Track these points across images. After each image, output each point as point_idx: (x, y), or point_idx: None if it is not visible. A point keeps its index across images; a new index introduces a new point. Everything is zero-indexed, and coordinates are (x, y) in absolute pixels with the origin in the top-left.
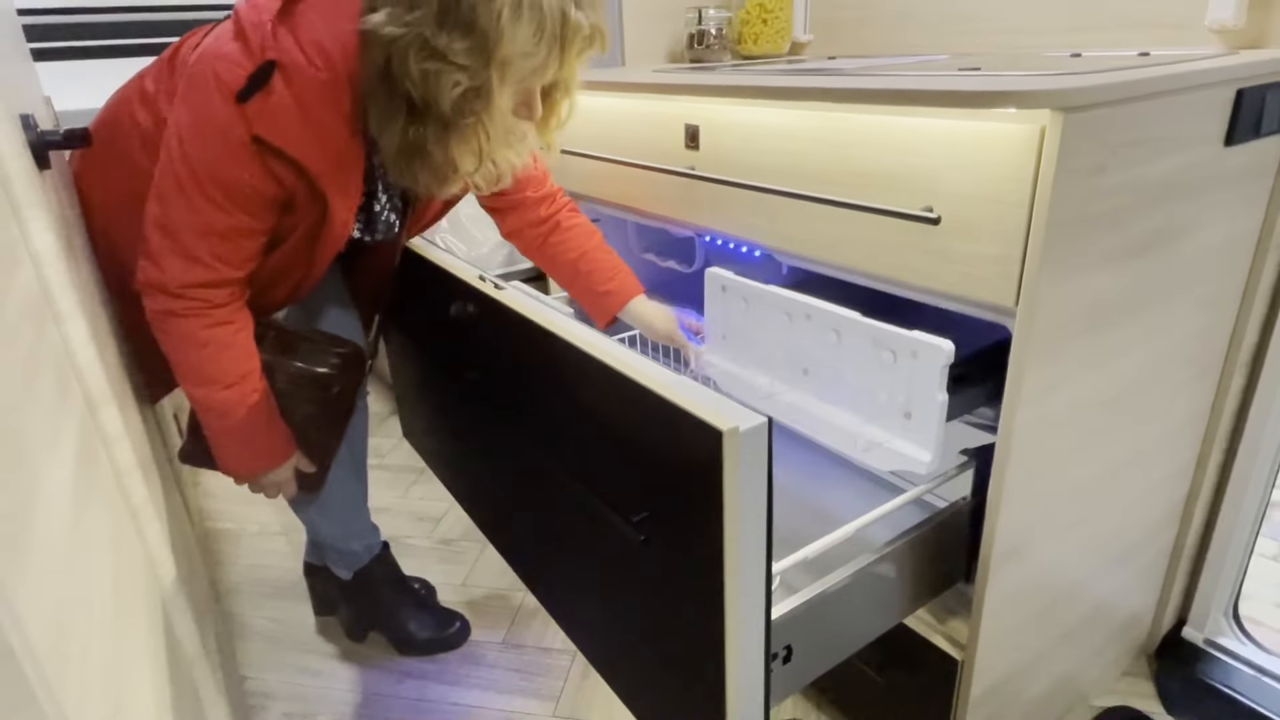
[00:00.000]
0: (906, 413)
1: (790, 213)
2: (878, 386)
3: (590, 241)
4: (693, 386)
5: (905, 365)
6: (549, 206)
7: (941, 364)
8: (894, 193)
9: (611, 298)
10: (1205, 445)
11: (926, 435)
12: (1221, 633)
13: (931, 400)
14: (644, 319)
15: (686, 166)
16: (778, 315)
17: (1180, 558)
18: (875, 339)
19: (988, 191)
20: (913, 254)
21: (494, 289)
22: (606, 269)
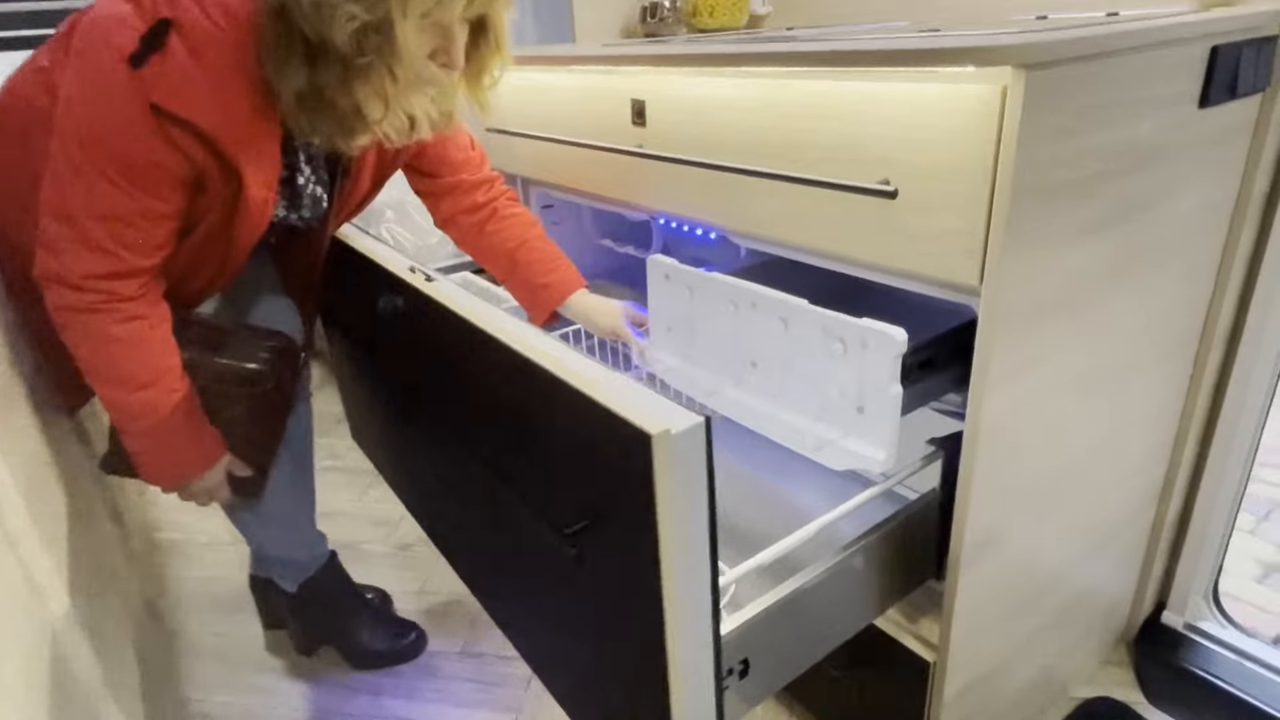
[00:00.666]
0: (859, 407)
1: (742, 191)
2: (828, 379)
3: (530, 231)
4: (626, 386)
5: (856, 356)
6: (486, 192)
7: (894, 354)
8: (848, 165)
9: (551, 291)
10: (1183, 423)
11: (880, 432)
12: (1202, 616)
13: (884, 394)
14: (586, 314)
15: (634, 145)
16: (723, 304)
17: (1159, 540)
18: (824, 327)
19: (947, 160)
20: (869, 231)
21: (424, 281)
22: (546, 260)
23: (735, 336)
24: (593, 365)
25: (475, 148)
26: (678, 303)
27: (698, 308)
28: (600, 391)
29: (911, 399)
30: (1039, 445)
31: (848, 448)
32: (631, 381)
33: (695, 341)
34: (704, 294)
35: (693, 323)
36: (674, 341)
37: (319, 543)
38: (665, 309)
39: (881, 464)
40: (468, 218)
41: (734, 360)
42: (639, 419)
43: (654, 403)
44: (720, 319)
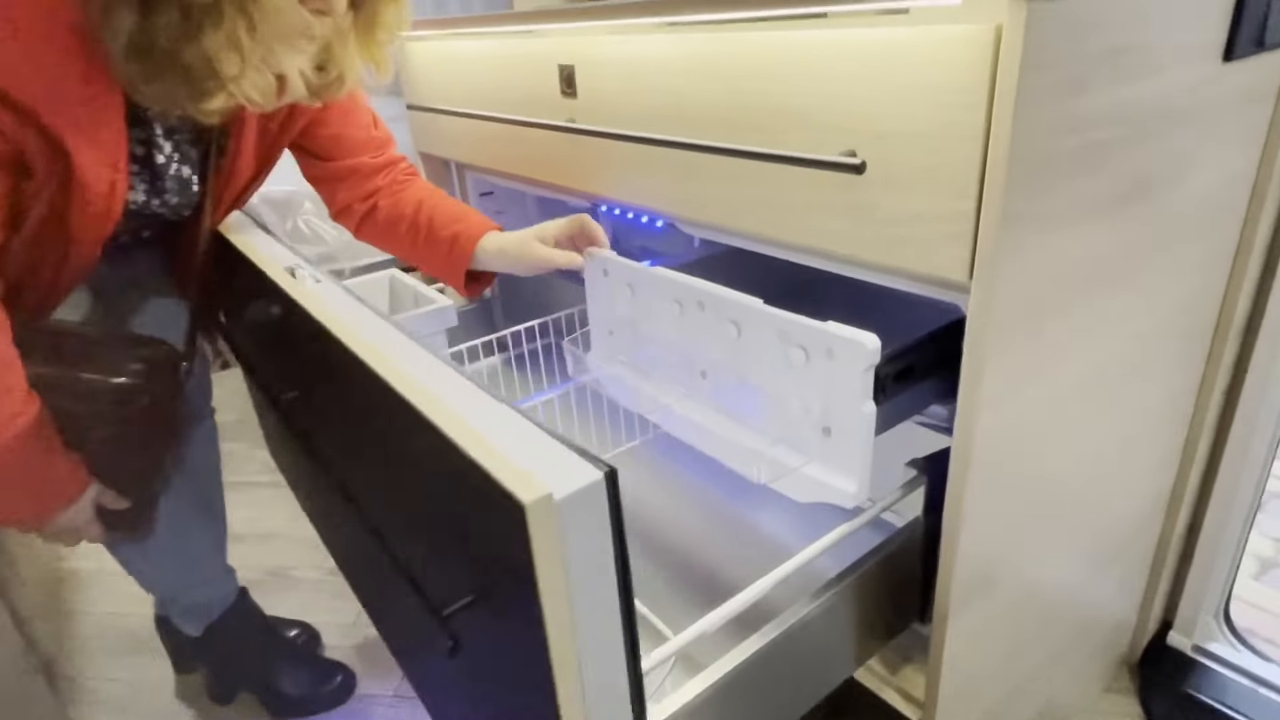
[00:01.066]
0: (825, 427)
1: (686, 170)
2: (788, 394)
3: (427, 191)
4: (513, 428)
5: (820, 366)
6: (386, 176)
7: (864, 365)
8: (806, 133)
9: (459, 244)
10: (1194, 426)
11: (851, 458)
12: (1212, 638)
13: (855, 413)
14: (506, 254)
15: (565, 118)
16: (668, 304)
17: (1166, 553)
18: (780, 332)
19: (926, 124)
20: (832, 215)
21: (310, 284)
22: (447, 215)
23: (682, 342)
24: (482, 399)
25: (378, 126)
26: (618, 302)
27: (640, 308)
28: (472, 439)
29: (888, 416)
30: (1039, 463)
31: (812, 477)
32: (525, 423)
33: (640, 347)
34: (646, 292)
35: (635, 325)
36: (617, 347)
37: (225, 580)
38: (605, 310)
39: (853, 498)
40: (363, 204)
41: (681, 369)
42: (512, 480)
43: (542, 454)
44: (665, 321)
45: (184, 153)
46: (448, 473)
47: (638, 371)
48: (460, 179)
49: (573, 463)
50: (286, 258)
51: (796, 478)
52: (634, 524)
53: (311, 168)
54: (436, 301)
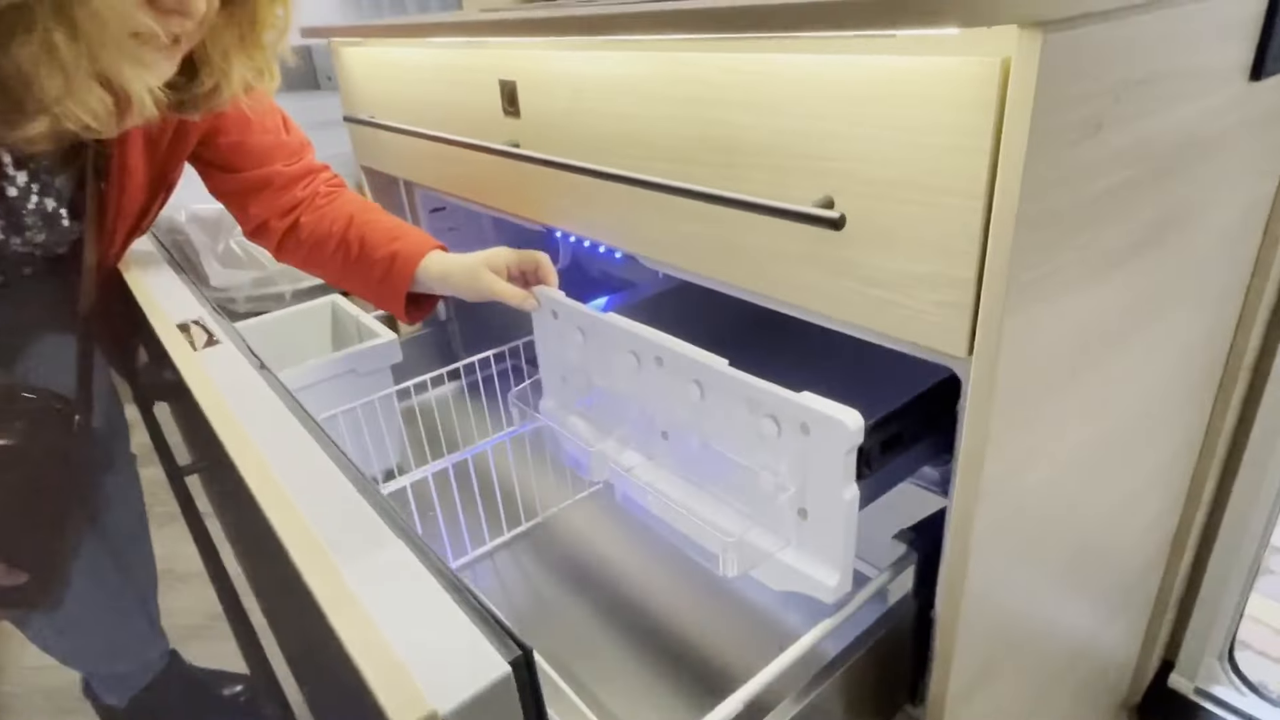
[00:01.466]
0: (800, 508)
1: (639, 204)
2: (758, 465)
3: (357, 204)
4: (406, 584)
5: (794, 441)
6: (305, 187)
7: (845, 447)
8: (775, 174)
9: (397, 265)
10: (1201, 465)
11: (831, 546)
12: (1215, 680)
13: (835, 498)
14: (451, 279)
15: (507, 141)
16: (623, 355)
17: (1170, 596)
18: (749, 400)
19: (917, 171)
20: (805, 267)
21: (202, 346)
22: (383, 232)
23: (640, 396)
24: (377, 531)
25: (290, 130)
26: (570, 348)
27: (593, 356)
28: (344, 610)
29: (874, 488)
30: (1043, 534)
31: (787, 564)
32: (423, 575)
33: (595, 399)
34: (599, 339)
35: (590, 373)
36: (570, 395)
37: (150, 646)
38: (556, 354)
39: (834, 591)
40: (282, 221)
41: (639, 425)
42: (386, 685)
43: (434, 633)
44: (621, 374)
45: (45, 183)
46: (322, 643)
47: (593, 425)
48: (409, 194)
49: (474, 647)
50: (183, 307)
51: (770, 563)
52: (592, 580)
53: (216, 182)
54: (380, 335)
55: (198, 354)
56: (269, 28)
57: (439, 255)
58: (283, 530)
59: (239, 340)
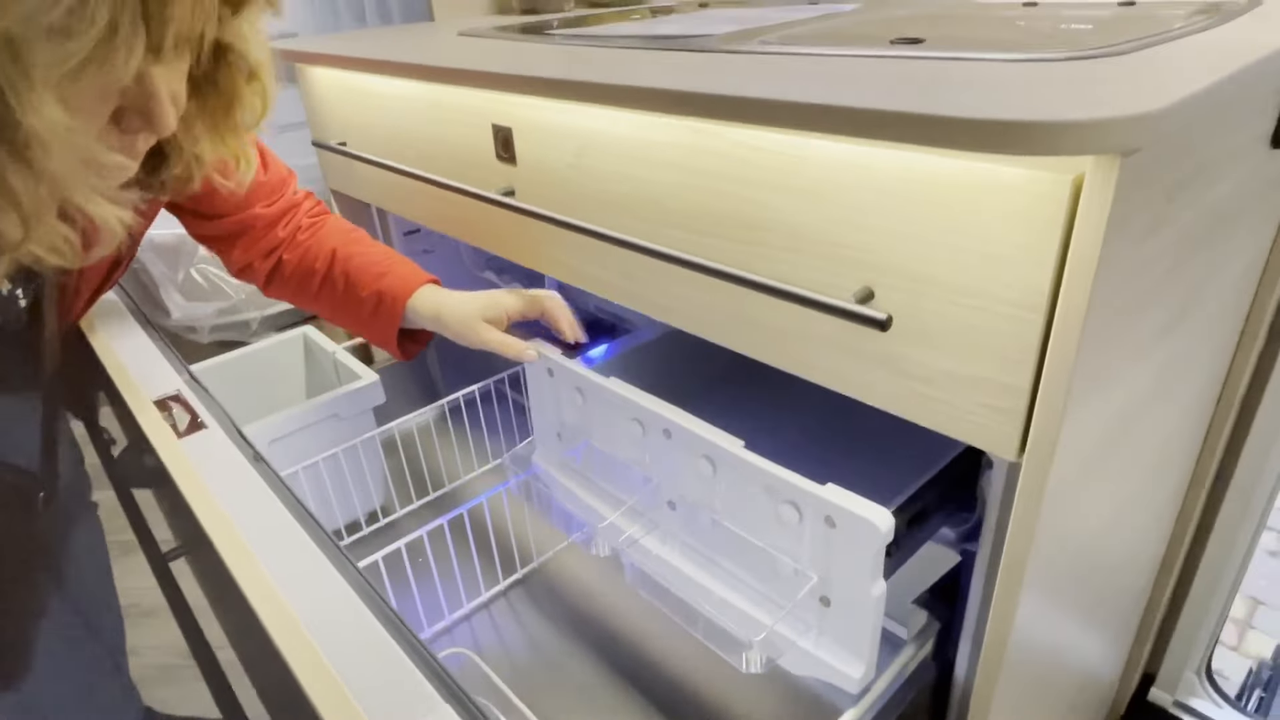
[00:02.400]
0: (822, 596)
1: (650, 269)
2: (776, 549)
3: (340, 237)
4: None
5: (817, 531)
6: (287, 225)
7: (875, 547)
8: (810, 260)
9: (385, 305)
10: (1192, 490)
11: (855, 638)
12: (1194, 694)
13: (861, 593)
14: (442, 323)
15: (501, 189)
16: (626, 423)
17: (1155, 613)
18: (767, 486)
19: (971, 278)
20: (842, 356)
21: (186, 428)
22: (367, 269)
23: (646, 464)
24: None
25: (268, 168)
26: (567, 406)
27: (594, 419)
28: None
29: (896, 563)
30: (1073, 586)
31: (808, 651)
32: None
33: (594, 459)
34: (600, 403)
35: (589, 433)
36: (568, 449)
37: (123, 709)
38: (552, 411)
39: (858, 683)
40: (266, 262)
41: (645, 493)
42: None
43: None
44: (624, 441)
45: None
46: None
47: (590, 488)
48: (381, 217)
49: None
50: (158, 375)
51: (791, 649)
52: (593, 628)
53: (194, 227)
54: (360, 376)
55: (181, 441)
56: (247, 108)
57: (430, 293)
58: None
59: (225, 420)
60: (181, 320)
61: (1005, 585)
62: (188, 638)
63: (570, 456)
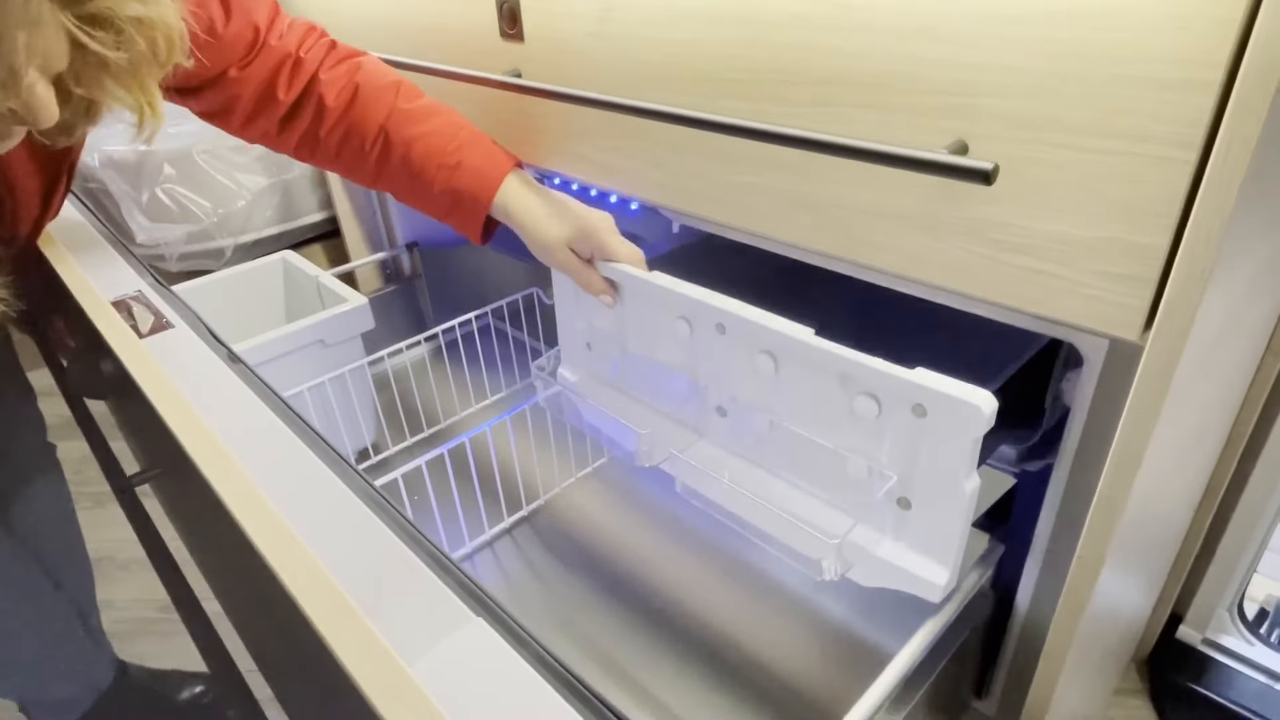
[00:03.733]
0: (901, 498)
1: (685, 154)
2: (846, 449)
3: (383, 107)
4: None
5: (900, 424)
6: (291, 86)
7: (974, 433)
8: (892, 115)
9: (464, 203)
10: (1244, 413)
11: (940, 541)
12: (1224, 631)
13: (953, 489)
14: (526, 230)
15: (508, 70)
16: (669, 320)
17: (1192, 549)
18: (842, 376)
19: (1100, 113)
20: (921, 232)
21: (150, 329)
22: (436, 150)
23: (692, 368)
24: (391, 551)
25: (231, 15)
26: (598, 312)
27: (630, 322)
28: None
29: None
30: (1146, 520)
31: (883, 558)
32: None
33: (629, 368)
34: (639, 303)
35: (624, 341)
36: (597, 362)
37: (93, 664)
38: (578, 315)
39: (943, 590)
40: (285, 137)
41: (689, 402)
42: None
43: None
44: (664, 341)
45: None
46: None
47: (628, 399)
48: None
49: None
50: (118, 280)
51: (863, 560)
52: (605, 567)
53: (182, 102)
54: (347, 299)
55: (144, 342)
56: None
57: (513, 193)
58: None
59: (196, 322)
60: (147, 244)
61: (1107, 502)
62: (157, 565)
63: (600, 369)
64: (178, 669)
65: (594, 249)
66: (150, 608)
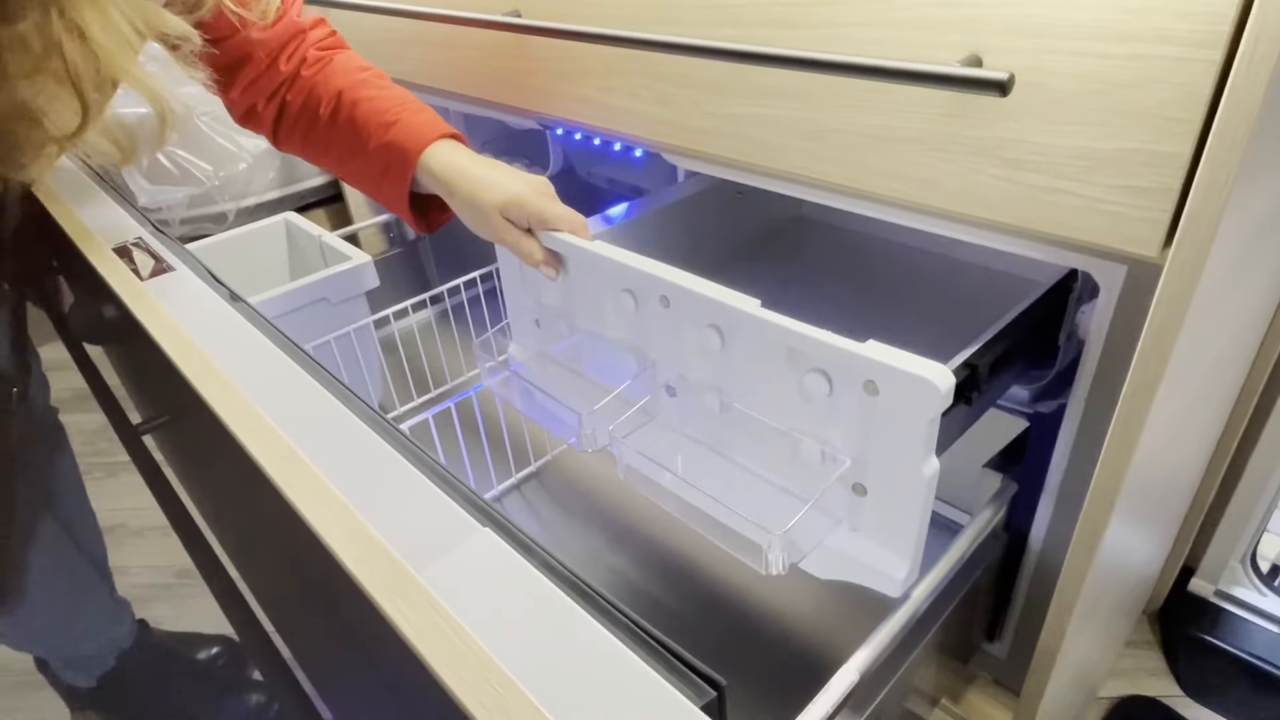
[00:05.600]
0: (856, 484)
1: (687, 88)
2: (798, 430)
3: (350, 76)
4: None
5: (853, 402)
6: (292, 57)
7: (930, 413)
8: (899, 32)
9: (395, 160)
10: (1258, 366)
11: (898, 531)
12: (1237, 583)
13: (910, 474)
14: (455, 191)
15: (507, 9)
16: (614, 293)
17: (1205, 501)
18: (790, 351)
19: (1117, 13)
20: (931, 154)
21: (151, 273)
22: (380, 110)
23: (639, 345)
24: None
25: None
26: (544, 285)
27: (576, 294)
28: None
29: (970, 417)
30: (1159, 464)
31: (838, 549)
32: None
33: (580, 347)
34: (583, 275)
35: (572, 314)
36: (546, 338)
37: (115, 621)
38: (526, 293)
39: (901, 584)
40: (270, 106)
41: (636, 381)
42: None
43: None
44: (612, 317)
45: None
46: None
47: (576, 378)
48: None
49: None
50: (118, 228)
51: (818, 551)
52: (615, 523)
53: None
54: (351, 257)
55: (146, 284)
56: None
57: (445, 153)
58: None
59: (197, 266)
60: (149, 206)
61: (1121, 434)
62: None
63: (548, 345)
64: (194, 631)
65: (530, 217)
66: (165, 574)
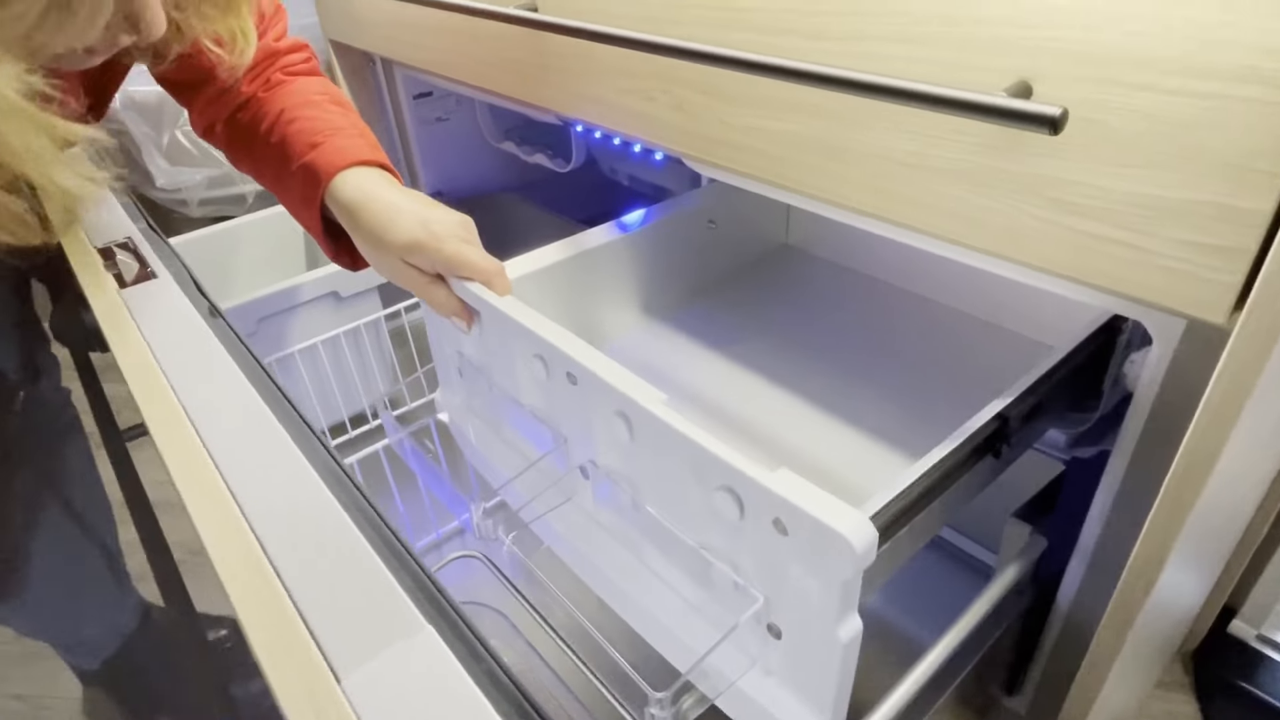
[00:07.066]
0: (770, 625)
1: (712, 98)
2: (710, 551)
3: (298, 97)
4: None
5: (764, 536)
6: (256, 79)
7: (845, 573)
8: (936, 52)
9: (309, 183)
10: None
11: (816, 686)
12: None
13: (824, 631)
14: (359, 223)
15: (524, 5)
16: (527, 359)
17: (1252, 543)
18: (694, 465)
19: (1192, 45)
20: (967, 187)
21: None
22: (311, 130)
23: (552, 419)
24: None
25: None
26: (463, 336)
27: (492, 351)
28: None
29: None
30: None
31: (750, 695)
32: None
33: (497, 403)
34: (497, 335)
35: (489, 370)
36: (472, 390)
37: (121, 608)
38: (447, 340)
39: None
40: (227, 126)
41: (554, 455)
42: None
43: None
44: (526, 382)
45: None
46: None
47: (489, 439)
48: (388, 76)
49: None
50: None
51: (730, 691)
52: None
53: (154, 64)
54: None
55: (124, 292)
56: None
57: (360, 180)
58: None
59: (182, 273)
60: (168, 187)
61: (1174, 502)
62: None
63: (474, 402)
64: (204, 612)
65: (437, 263)
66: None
